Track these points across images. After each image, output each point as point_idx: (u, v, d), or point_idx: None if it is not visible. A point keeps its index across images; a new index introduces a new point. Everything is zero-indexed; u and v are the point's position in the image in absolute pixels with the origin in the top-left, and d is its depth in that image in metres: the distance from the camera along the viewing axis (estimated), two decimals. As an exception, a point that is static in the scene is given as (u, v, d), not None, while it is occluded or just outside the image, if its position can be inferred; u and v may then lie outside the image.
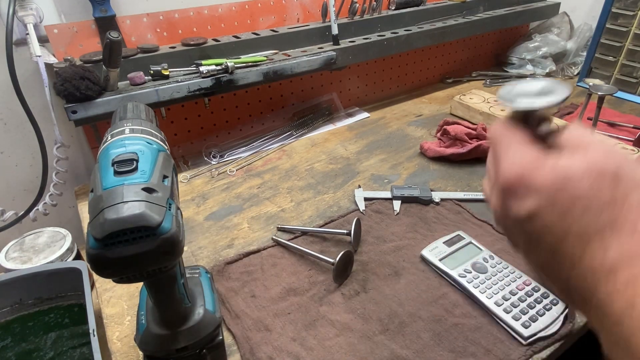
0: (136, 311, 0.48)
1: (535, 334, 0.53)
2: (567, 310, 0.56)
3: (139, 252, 0.33)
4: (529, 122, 0.31)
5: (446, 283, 0.62)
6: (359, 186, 0.84)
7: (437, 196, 0.79)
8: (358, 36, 1.07)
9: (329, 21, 1.00)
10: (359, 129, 1.10)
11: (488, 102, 1.10)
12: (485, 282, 0.59)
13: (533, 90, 0.31)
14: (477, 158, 0.91)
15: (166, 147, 0.42)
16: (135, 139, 0.39)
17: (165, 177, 0.37)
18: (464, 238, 0.68)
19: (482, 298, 0.57)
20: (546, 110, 0.30)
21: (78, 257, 0.75)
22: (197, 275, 0.52)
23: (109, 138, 0.39)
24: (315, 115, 1.12)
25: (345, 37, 1.04)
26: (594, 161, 0.26)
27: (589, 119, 0.90)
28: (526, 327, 0.53)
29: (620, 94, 1.20)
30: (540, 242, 0.27)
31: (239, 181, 0.89)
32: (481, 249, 0.66)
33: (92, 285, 0.66)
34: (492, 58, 1.51)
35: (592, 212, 0.25)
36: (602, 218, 0.25)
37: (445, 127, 0.96)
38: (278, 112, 1.11)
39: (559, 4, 1.43)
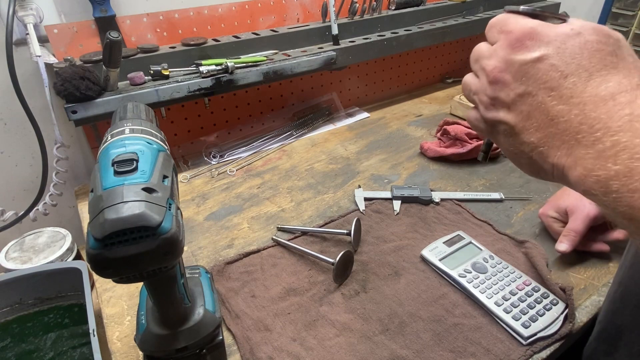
0: (136, 311, 0.48)
1: (535, 334, 0.53)
2: (567, 310, 0.56)
3: (139, 252, 0.33)
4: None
5: (446, 283, 0.62)
6: (359, 186, 0.84)
7: (437, 196, 0.79)
8: (358, 36, 1.07)
9: (329, 21, 1.00)
10: (359, 129, 1.10)
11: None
12: (485, 282, 0.59)
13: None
14: (477, 158, 0.91)
15: (166, 147, 0.42)
16: (135, 139, 0.39)
17: (165, 177, 0.37)
18: (464, 238, 0.68)
19: (482, 298, 0.57)
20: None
21: (78, 257, 0.75)
22: (197, 275, 0.52)
23: (109, 138, 0.39)
24: (315, 115, 1.12)
25: (345, 37, 1.04)
26: (601, 27, 0.30)
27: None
28: (526, 327, 0.53)
29: (620, 94, 1.20)
30: (541, 82, 0.30)
31: (239, 181, 0.89)
32: (481, 249, 0.66)
33: (92, 285, 0.66)
34: (492, 58, 1.50)
35: (596, 57, 0.29)
36: (606, 61, 0.29)
37: (445, 127, 0.96)
38: (278, 112, 1.11)
39: (559, 4, 1.42)
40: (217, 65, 0.84)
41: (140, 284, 0.54)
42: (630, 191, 0.25)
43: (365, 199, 0.80)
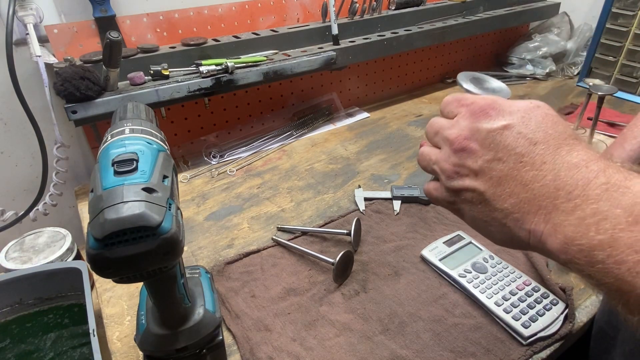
0: (136, 311, 0.48)
1: (535, 334, 0.53)
2: (567, 310, 0.56)
3: (139, 252, 0.33)
4: None
5: (446, 283, 0.62)
6: (359, 186, 0.84)
7: (437, 196, 0.79)
8: (358, 36, 1.07)
9: (329, 21, 1.00)
10: (359, 129, 1.10)
11: (488, 102, 1.10)
12: (485, 282, 0.59)
13: (485, 85, 0.37)
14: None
15: (166, 147, 0.42)
16: (135, 139, 0.39)
17: (165, 177, 0.37)
18: (464, 238, 0.68)
19: (482, 298, 0.57)
20: None
21: (78, 257, 0.75)
22: (197, 275, 0.52)
23: (109, 138, 0.39)
24: (315, 115, 1.12)
25: (345, 37, 1.04)
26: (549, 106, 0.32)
27: (589, 119, 0.90)
28: (526, 327, 0.53)
29: (620, 94, 1.20)
30: (511, 149, 0.30)
31: (239, 181, 0.89)
32: (481, 249, 0.66)
33: (92, 285, 0.66)
34: (492, 58, 1.51)
35: (560, 127, 0.31)
36: (568, 132, 0.30)
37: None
38: (278, 112, 1.11)
39: (559, 4, 1.43)
40: (217, 65, 0.84)
41: (140, 284, 0.54)
42: (616, 263, 0.25)
43: (365, 199, 0.80)
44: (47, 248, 0.73)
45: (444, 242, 0.67)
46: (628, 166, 0.28)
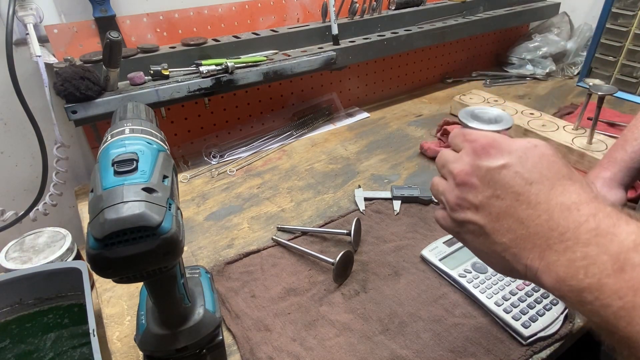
0: (136, 311, 0.48)
1: (535, 334, 0.53)
2: (567, 310, 0.56)
3: (139, 252, 0.33)
4: None
5: (446, 283, 0.62)
6: (359, 186, 0.84)
7: (437, 196, 0.79)
8: (358, 36, 1.07)
9: (329, 21, 1.00)
10: (359, 129, 1.10)
11: (488, 102, 1.10)
12: (485, 282, 0.59)
13: (486, 117, 0.39)
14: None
15: (166, 147, 0.42)
16: (135, 139, 0.39)
17: (165, 177, 0.37)
18: (464, 238, 0.67)
19: (482, 298, 0.57)
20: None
21: (78, 257, 0.75)
22: (197, 275, 0.52)
23: (109, 138, 0.39)
24: (315, 115, 1.12)
25: (345, 37, 1.04)
26: (548, 144, 0.34)
27: (589, 119, 0.90)
28: (526, 327, 0.53)
29: (620, 94, 1.20)
30: (509, 187, 0.32)
31: (239, 181, 0.89)
32: (481, 249, 0.65)
33: (92, 285, 0.66)
34: (492, 58, 1.51)
35: (555, 167, 0.32)
36: (563, 172, 0.32)
37: (445, 127, 0.96)
38: (278, 112, 1.11)
39: (559, 4, 1.43)
40: (217, 65, 0.84)
41: (140, 284, 0.54)
42: (602, 306, 0.27)
43: (365, 199, 0.80)
44: (47, 248, 0.73)
45: (444, 242, 0.67)
46: (618, 209, 0.30)
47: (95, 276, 0.59)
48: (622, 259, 0.27)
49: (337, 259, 0.60)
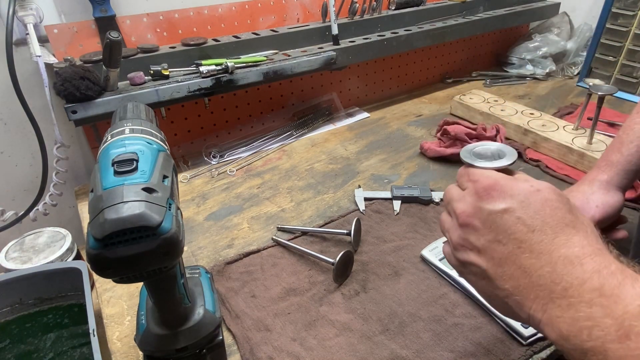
0: (136, 311, 0.48)
1: (535, 334, 0.53)
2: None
3: (139, 252, 0.33)
4: None
5: (446, 283, 0.62)
6: (359, 186, 0.84)
7: (437, 196, 0.79)
8: (358, 36, 1.07)
9: (329, 21, 1.00)
10: (359, 129, 1.10)
11: (488, 102, 1.10)
12: (485, 282, 0.59)
13: (488, 153, 0.40)
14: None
15: (166, 147, 0.42)
16: (135, 139, 0.39)
17: (165, 177, 0.37)
18: (464, 238, 0.67)
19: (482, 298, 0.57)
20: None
21: (78, 257, 0.75)
22: (197, 275, 0.52)
23: (109, 138, 0.39)
24: (315, 115, 1.12)
25: (345, 37, 1.04)
26: (553, 186, 0.33)
27: (589, 119, 0.90)
28: (526, 327, 0.53)
29: (620, 94, 1.20)
30: (510, 233, 0.32)
31: (239, 181, 0.89)
32: (481, 249, 0.65)
33: (92, 285, 0.66)
34: (492, 58, 1.51)
35: (558, 215, 0.31)
36: (566, 220, 0.31)
37: (445, 127, 0.96)
38: (278, 112, 1.11)
39: (559, 4, 1.43)
40: (217, 65, 0.84)
41: (140, 284, 0.54)
42: None
43: (365, 199, 0.80)
44: (47, 248, 0.73)
45: (444, 242, 0.67)
46: (624, 264, 0.29)
47: (95, 276, 0.59)
48: (626, 326, 0.26)
49: (337, 259, 0.60)
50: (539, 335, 0.53)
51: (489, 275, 0.33)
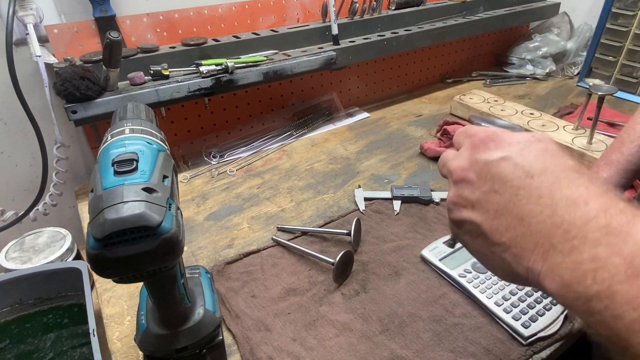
0: (136, 311, 0.48)
1: (535, 334, 0.53)
2: (567, 310, 0.56)
3: (139, 252, 0.33)
4: None
5: (446, 283, 0.62)
6: (359, 186, 0.84)
7: (437, 196, 0.79)
8: (358, 36, 1.07)
9: (329, 21, 1.00)
10: (359, 129, 1.10)
11: (488, 102, 1.10)
12: (485, 282, 0.59)
13: (497, 123, 0.37)
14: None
15: (166, 147, 0.42)
16: (135, 139, 0.39)
17: (165, 177, 0.37)
18: (464, 238, 0.67)
19: (482, 298, 0.57)
20: None
21: (78, 257, 0.75)
22: (197, 275, 0.52)
23: (109, 138, 0.39)
24: (315, 115, 1.12)
25: (345, 37, 1.04)
26: (552, 140, 0.32)
27: (589, 119, 0.90)
28: (526, 327, 0.53)
29: (620, 94, 1.20)
30: (507, 181, 0.30)
31: (239, 181, 0.89)
32: (481, 249, 0.65)
33: (92, 285, 0.66)
34: (492, 58, 1.51)
35: (561, 160, 0.29)
36: (569, 164, 0.29)
37: (445, 127, 0.96)
38: (278, 112, 1.11)
39: (559, 4, 1.43)
40: (217, 65, 0.84)
41: (140, 284, 0.54)
42: (613, 317, 0.24)
43: (365, 199, 0.80)
44: (47, 248, 0.73)
45: (444, 242, 0.67)
46: (633, 204, 0.26)
47: (95, 276, 0.59)
48: (637, 264, 0.23)
49: (337, 259, 0.60)
50: (539, 335, 0.53)
51: (484, 231, 0.31)
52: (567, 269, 0.26)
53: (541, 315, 0.55)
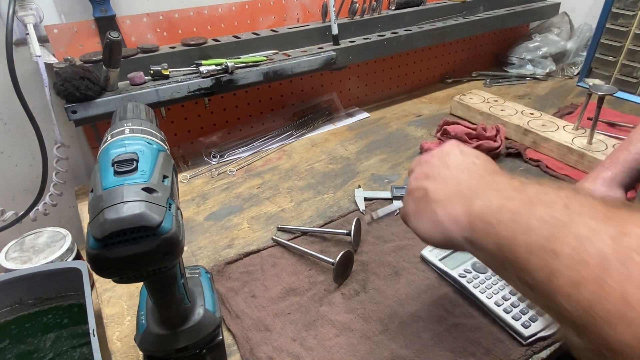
0: (136, 311, 0.48)
1: (535, 334, 0.53)
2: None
3: (139, 252, 0.33)
4: None
5: (446, 283, 0.62)
6: (359, 186, 0.84)
7: (437, 196, 0.79)
8: (358, 36, 1.07)
9: (329, 21, 1.00)
10: (359, 129, 1.10)
11: (488, 102, 1.10)
12: (485, 282, 0.59)
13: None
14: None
15: (166, 147, 0.42)
16: (135, 139, 0.39)
17: (165, 177, 0.37)
18: (464, 238, 0.67)
19: (482, 298, 0.57)
20: None
21: (78, 257, 0.75)
22: (197, 275, 0.52)
23: (109, 138, 0.39)
24: (315, 115, 1.12)
25: (345, 37, 1.04)
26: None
27: (589, 119, 0.90)
28: (526, 327, 0.53)
29: (620, 94, 1.20)
30: (458, 164, 0.41)
31: (239, 181, 0.89)
32: (481, 249, 0.65)
33: (92, 285, 0.66)
34: (492, 58, 1.51)
35: (492, 165, 0.41)
36: (496, 168, 0.40)
37: (445, 127, 0.96)
38: (278, 112, 1.11)
39: (559, 4, 1.43)
40: (217, 65, 0.84)
41: (140, 284, 0.54)
42: (499, 223, 0.32)
43: (365, 199, 0.80)
44: (47, 248, 0.73)
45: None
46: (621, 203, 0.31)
47: (95, 276, 0.59)
48: (528, 200, 0.31)
49: (337, 259, 0.60)
50: (539, 335, 0.53)
51: (428, 194, 0.40)
52: (479, 206, 0.35)
53: (541, 315, 0.55)
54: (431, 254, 0.65)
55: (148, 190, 0.34)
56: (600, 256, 0.24)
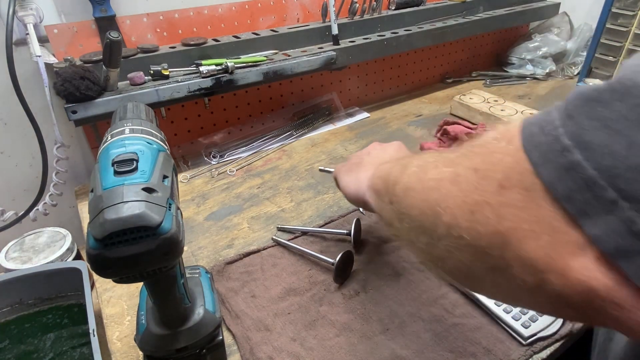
0: (136, 311, 0.48)
1: (535, 334, 0.53)
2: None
3: (139, 252, 0.33)
4: None
5: (446, 283, 0.62)
6: (359, 186, 0.84)
7: (437, 196, 0.79)
8: (358, 36, 1.07)
9: (329, 21, 1.00)
10: (359, 129, 1.10)
11: (488, 102, 1.10)
12: (485, 282, 0.59)
13: None
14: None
15: (166, 147, 0.42)
16: (135, 139, 0.39)
17: (165, 177, 0.37)
18: (464, 238, 0.67)
19: (482, 298, 0.57)
20: None
21: (78, 257, 0.75)
22: (197, 275, 0.52)
23: (109, 138, 0.39)
24: (315, 115, 1.12)
25: (345, 37, 1.04)
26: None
27: (589, 119, 0.90)
28: (526, 327, 0.53)
29: (620, 94, 1.20)
30: (369, 151, 0.60)
31: (239, 181, 0.89)
32: (481, 249, 0.65)
33: (92, 285, 0.66)
34: (492, 58, 1.51)
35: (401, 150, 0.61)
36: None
37: (445, 127, 0.96)
38: (278, 112, 1.11)
39: (559, 4, 1.42)
40: (217, 65, 0.84)
41: (140, 284, 0.54)
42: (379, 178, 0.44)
43: (365, 199, 0.80)
44: (47, 248, 0.73)
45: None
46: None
47: (95, 276, 0.59)
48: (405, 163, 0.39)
49: (337, 259, 0.60)
50: (539, 335, 0.53)
51: (362, 162, 0.56)
52: (379, 170, 0.45)
53: (541, 315, 0.55)
54: (431, 254, 0.65)
55: (148, 190, 0.34)
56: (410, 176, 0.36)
